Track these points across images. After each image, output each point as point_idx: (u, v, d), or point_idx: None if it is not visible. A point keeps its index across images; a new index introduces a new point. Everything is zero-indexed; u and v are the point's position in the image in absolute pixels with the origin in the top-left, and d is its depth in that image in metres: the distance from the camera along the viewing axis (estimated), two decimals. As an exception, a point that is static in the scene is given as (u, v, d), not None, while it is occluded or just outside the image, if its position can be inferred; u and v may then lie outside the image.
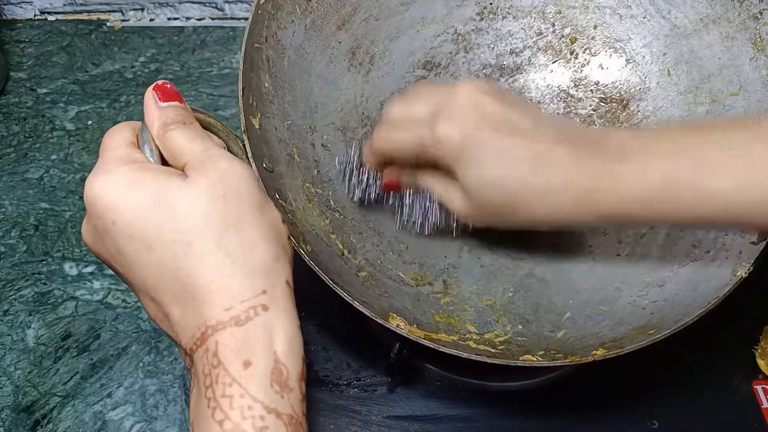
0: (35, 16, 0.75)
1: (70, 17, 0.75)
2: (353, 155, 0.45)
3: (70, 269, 0.58)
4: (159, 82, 0.33)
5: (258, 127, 0.42)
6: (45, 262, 0.58)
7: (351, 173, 0.45)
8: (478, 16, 0.52)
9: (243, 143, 0.39)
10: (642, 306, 0.42)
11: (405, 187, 0.44)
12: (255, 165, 0.39)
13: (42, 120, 0.67)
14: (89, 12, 0.75)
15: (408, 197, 0.44)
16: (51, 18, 0.75)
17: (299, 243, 0.39)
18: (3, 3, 0.74)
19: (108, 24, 0.75)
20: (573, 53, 0.52)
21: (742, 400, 0.49)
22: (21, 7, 0.75)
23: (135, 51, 0.72)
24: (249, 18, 0.43)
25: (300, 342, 0.29)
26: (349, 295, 0.37)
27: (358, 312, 0.38)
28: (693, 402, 0.49)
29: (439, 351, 0.37)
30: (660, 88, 0.49)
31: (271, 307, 0.28)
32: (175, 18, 0.75)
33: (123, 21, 0.75)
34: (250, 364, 0.27)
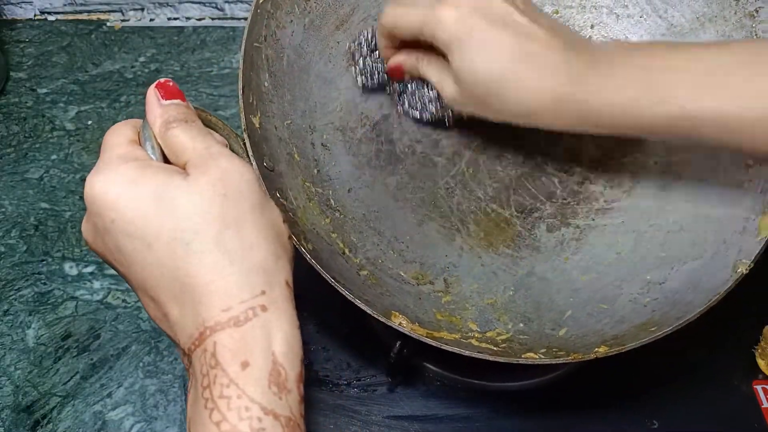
0: (35, 16, 0.75)
1: (70, 17, 0.75)
2: (363, 39, 0.46)
3: (70, 269, 0.58)
4: (161, 79, 0.32)
5: (258, 126, 0.42)
6: (45, 262, 0.58)
7: (358, 58, 0.47)
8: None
9: (244, 142, 0.39)
10: (643, 303, 0.42)
11: (407, 73, 0.45)
12: (256, 164, 0.39)
13: (42, 120, 0.67)
14: (89, 12, 0.75)
15: (410, 86, 0.46)
16: (51, 18, 0.75)
17: (301, 241, 0.39)
18: (3, 3, 0.74)
19: (108, 24, 0.75)
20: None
21: (742, 399, 0.49)
22: (21, 7, 0.75)
23: (135, 51, 0.72)
24: (248, 17, 0.43)
25: (299, 343, 0.29)
26: (351, 294, 0.37)
27: (358, 311, 0.38)
28: (693, 402, 0.49)
29: (440, 350, 0.37)
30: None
31: (270, 308, 0.28)
32: (175, 18, 0.75)
33: (123, 21, 0.75)
34: (248, 365, 0.27)
